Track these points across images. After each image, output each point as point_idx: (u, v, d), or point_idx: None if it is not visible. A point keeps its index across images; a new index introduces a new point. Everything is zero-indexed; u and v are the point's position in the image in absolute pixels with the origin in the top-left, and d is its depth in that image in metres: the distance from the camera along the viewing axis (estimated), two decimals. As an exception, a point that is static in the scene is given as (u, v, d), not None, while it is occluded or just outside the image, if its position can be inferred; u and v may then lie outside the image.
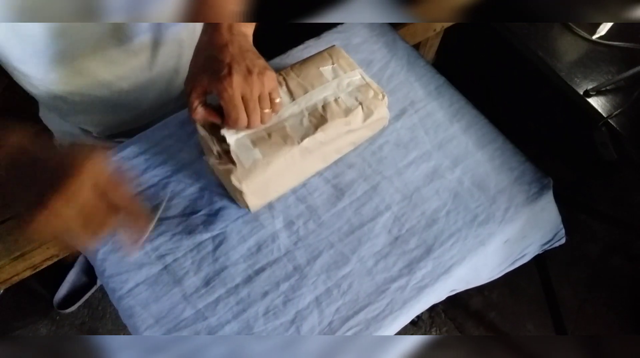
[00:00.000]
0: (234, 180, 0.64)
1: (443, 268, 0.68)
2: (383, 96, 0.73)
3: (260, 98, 0.62)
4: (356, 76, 0.74)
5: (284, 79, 0.73)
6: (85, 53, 0.73)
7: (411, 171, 0.75)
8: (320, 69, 0.74)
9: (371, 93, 0.72)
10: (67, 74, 0.74)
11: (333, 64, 0.74)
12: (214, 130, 0.66)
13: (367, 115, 0.72)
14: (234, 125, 0.63)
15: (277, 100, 0.65)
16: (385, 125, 0.78)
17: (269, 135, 0.67)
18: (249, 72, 0.60)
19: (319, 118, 0.69)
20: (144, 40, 0.76)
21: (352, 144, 0.76)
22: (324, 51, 0.77)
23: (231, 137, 0.66)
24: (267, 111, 0.64)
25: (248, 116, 0.62)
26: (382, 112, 0.74)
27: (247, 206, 0.69)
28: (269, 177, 0.67)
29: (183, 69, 0.84)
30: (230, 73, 0.58)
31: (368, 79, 0.74)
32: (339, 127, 0.70)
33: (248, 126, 0.64)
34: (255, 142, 0.67)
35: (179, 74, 0.86)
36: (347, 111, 0.70)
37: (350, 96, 0.72)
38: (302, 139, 0.67)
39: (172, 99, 0.90)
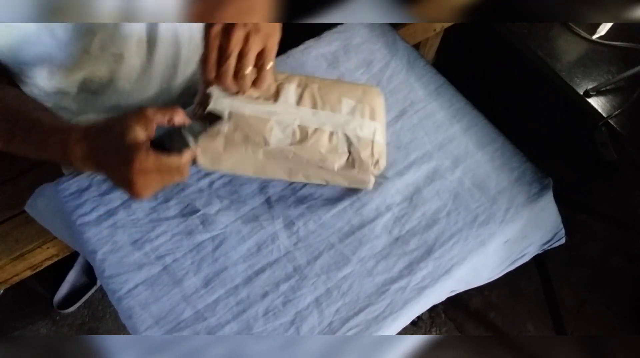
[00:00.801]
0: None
1: (443, 269, 0.68)
2: (375, 165, 0.68)
3: (240, 55, 0.58)
4: (370, 128, 0.68)
5: (306, 84, 0.69)
6: (86, 54, 0.73)
7: (412, 172, 0.75)
8: (343, 98, 0.69)
9: (367, 152, 0.67)
10: (69, 75, 0.74)
11: (359, 102, 0.69)
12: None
13: (347, 169, 0.67)
14: (202, 67, 0.59)
15: (269, 66, 0.60)
16: (368, 189, 0.73)
17: (249, 117, 0.65)
18: (237, 24, 0.57)
19: (302, 136, 0.66)
20: (140, 38, 0.76)
21: (322, 180, 0.71)
22: (364, 85, 0.73)
23: (218, 94, 0.63)
24: (246, 72, 0.59)
25: (218, 68, 0.59)
26: (364, 178, 0.69)
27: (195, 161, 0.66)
28: (224, 155, 0.65)
29: (182, 65, 0.84)
30: (220, 18, 0.56)
31: (377, 139, 0.68)
32: (313, 158, 0.66)
33: (217, 80, 0.60)
34: (233, 113, 0.64)
35: (177, 71, 0.86)
36: (331, 151, 0.66)
37: (345, 141, 0.67)
38: (273, 144, 0.65)
39: (172, 99, 0.90)
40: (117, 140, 0.51)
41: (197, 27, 0.84)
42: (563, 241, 0.83)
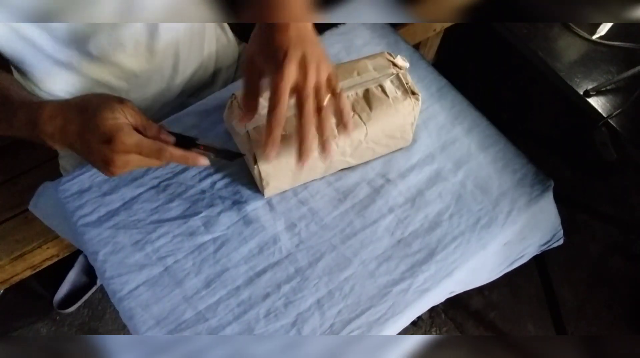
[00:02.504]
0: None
1: (445, 272, 0.68)
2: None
3: (316, 90, 0.56)
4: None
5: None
6: (88, 56, 0.73)
7: (414, 174, 0.75)
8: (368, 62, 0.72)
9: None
10: (71, 77, 0.74)
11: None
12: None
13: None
14: (269, 121, 0.55)
15: (338, 90, 0.59)
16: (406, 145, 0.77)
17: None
18: (306, 60, 0.55)
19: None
20: (138, 39, 0.76)
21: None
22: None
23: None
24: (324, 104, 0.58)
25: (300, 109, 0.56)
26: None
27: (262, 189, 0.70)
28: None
29: (181, 65, 0.84)
30: (285, 59, 0.54)
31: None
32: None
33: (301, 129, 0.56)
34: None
35: (177, 73, 0.86)
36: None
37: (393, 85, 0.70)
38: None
39: (172, 99, 0.90)
40: (98, 118, 0.51)
41: (197, 27, 0.85)
42: (561, 242, 0.83)
